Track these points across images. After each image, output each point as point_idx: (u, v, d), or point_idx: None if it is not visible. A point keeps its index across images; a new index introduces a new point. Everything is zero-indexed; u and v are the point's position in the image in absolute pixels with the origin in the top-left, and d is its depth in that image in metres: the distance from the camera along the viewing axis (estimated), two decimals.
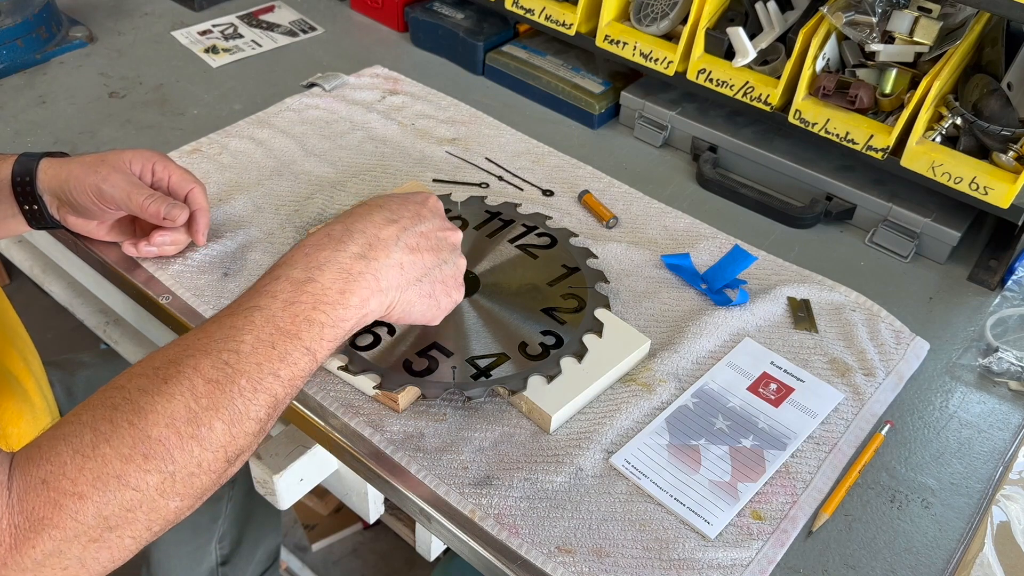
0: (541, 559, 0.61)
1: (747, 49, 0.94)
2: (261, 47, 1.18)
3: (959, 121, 0.86)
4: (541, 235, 0.84)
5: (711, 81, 0.96)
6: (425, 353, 0.71)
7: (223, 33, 1.21)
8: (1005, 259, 0.88)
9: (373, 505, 0.80)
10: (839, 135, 0.90)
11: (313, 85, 1.08)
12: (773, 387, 0.74)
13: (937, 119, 0.87)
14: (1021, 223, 0.85)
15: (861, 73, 0.91)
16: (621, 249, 0.86)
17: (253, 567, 1.21)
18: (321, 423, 0.69)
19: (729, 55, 0.96)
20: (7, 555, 0.44)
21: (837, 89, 0.90)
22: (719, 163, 1.01)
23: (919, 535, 0.66)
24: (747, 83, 0.94)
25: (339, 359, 0.70)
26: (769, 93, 0.93)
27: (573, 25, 1.04)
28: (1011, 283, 0.88)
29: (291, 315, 0.54)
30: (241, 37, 1.20)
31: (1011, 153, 0.83)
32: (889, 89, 0.89)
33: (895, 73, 0.88)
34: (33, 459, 0.46)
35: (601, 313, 0.76)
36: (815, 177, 0.94)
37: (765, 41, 0.95)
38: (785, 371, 0.75)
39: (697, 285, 0.83)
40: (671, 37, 1.00)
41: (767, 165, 0.97)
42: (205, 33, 1.21)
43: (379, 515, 0.82)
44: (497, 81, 1.13)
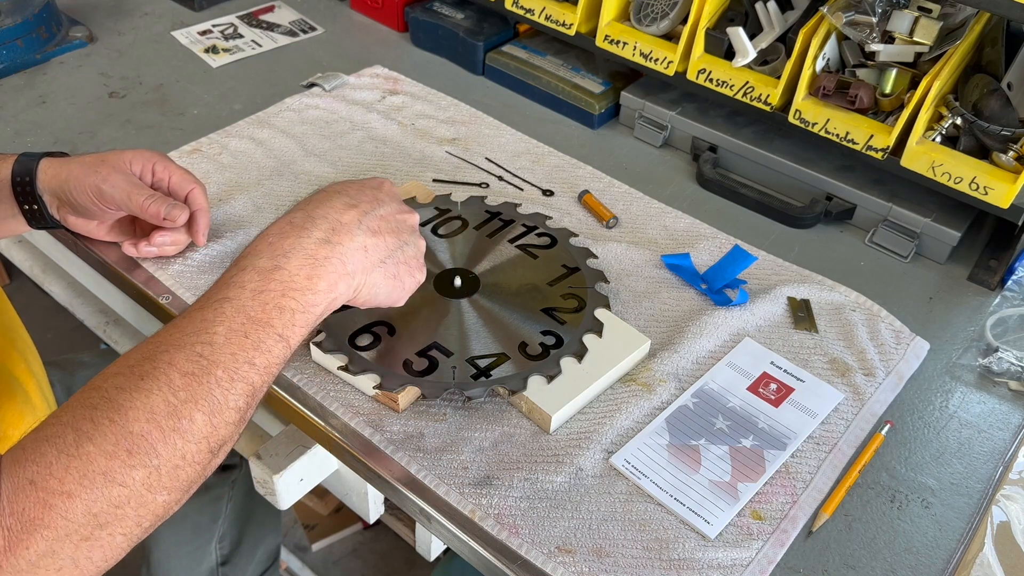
0: (541, 559, 0.61)
1: (747, 49, 0.94)
2: (261, 47, 1.18)
3: (959, 121, 0.86)
4: (541, 235, 0.84)
5: (711, 81, 0.96)
6: (425, 353, 0.71)
7: (223, 33, 1.21)
8: (1005, 259, 0.88)
9: (373, 505, 0.80)
10: (839, 135, 0.90)
11: (313, 85, 1.08)
12: (773, 387, 0.74)
13: (937, 119, 0.87)
14: (1021, 223, 0.85)
15: (861, 73, 0.91)
16: (621, 249, 0.86)
17: (253, 567, 1.21)
18: (321, 423, 0.69)
19: (729, 55, 0.96)
20: (2, 558, 0.44)
21: (837, 89, 0.90)
22: (719, 163, 1.01)
23: (919, 535, 0.66)
24: (747, 83, 0.94)
25: (339, 359, 0.70)
26: (769, 93, 0.93)
27: (573, 25, 1.04)
28: (1011, 283, 0.88)
29: (261, 303, 0.54)
30: (241, 37, 1.20)
31: (1011, 153, 0.83)
32: (889, 89, 0.89)
33: (895, 73, 0.88)
34: (19, 461, 0.46)
35: (601, 313, 0.76)
36: (815, 177, 0.94)
37: (765, 41, 0.95)
38: (785, 371, 0.75)
39: (697, 285, 0.83)
40: (671, 37, 1.00)
41: (767, 165, 0.97)
42: (205, 33, 1.21)
43: (379, 515, 0.82)
44: (497, 81, 1.13)
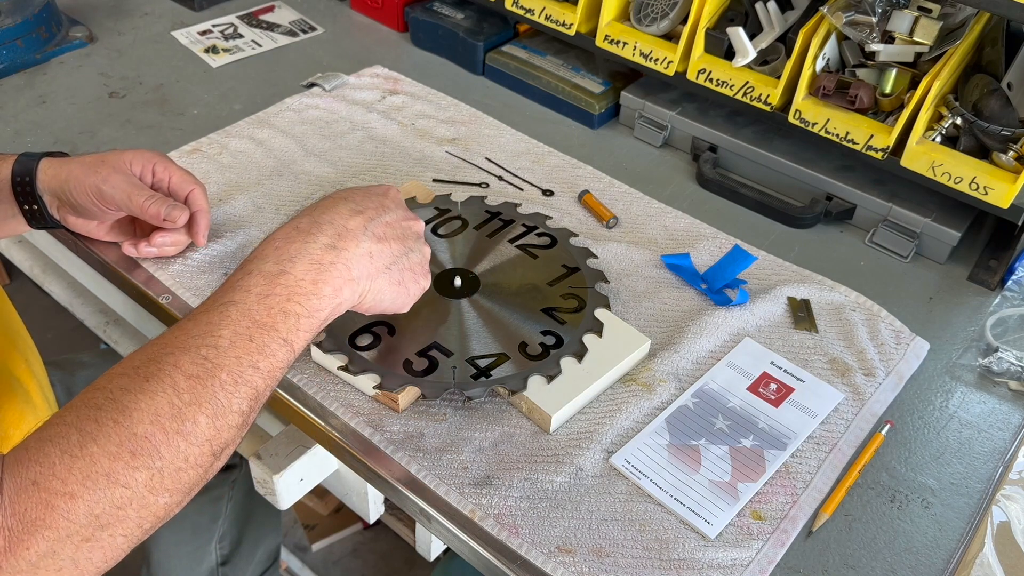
0: (541, 559, 0.61)
1: (747, 49, 0.94)
2: (261, 47, 1.18)
3: (959, 121, 0.86)
4: (541, 235, 0.84)
5: (711, 81, 0.96)
6: (425, 353, 0.71)
7: (223, 33, 1.21)
8: (1005, 259, 0.88)
9: (373, 505, 0.80)
10: (839, 135, 0.90)
11: (313, 85, 1.08)
12: (773, 387, 0.74)
13: (937, 119, 0.87)
14: (1021, 223, 0.85)
15: (861, 73, 0.91)
16: (621, 249, 0.86)
17: (253, 567, 1.21)
18: (321, 423, 0.69)
19: (729, 55, 0.96)
20: (2, 558, 0.44)
21: (837, 89, 0.90)
22: (719, 163, 1.01)
23: (919, 535, 0.66)
24: (747, 83, 0.94)
25: (339, 359, 0.70)
26: (769, 93, 0.93)
27: (573, 25, 1.04)
28: (1011, 283, 0.88)
29: (266, 308, 0.54)
30: (241, 37, 1.20)
31: (1011, 153, 0.83)
32: (889, 89, 0.89)
33: (895, 73, 0.88)
34: (22, 461, 0.46)
35: (601, 313, 0.76)
36: (815, 177, 0.94)
37: (765, 41, 0.95)
38: (785, 371, 0.75)
39: (697, 285, 0.83)
40: (671, 37, 1.00)
41: (767, 165, 0.97)
42: (205, 33, 1.21)
43: (379, 515, 0.82)
44: (497, 81, 1.13)
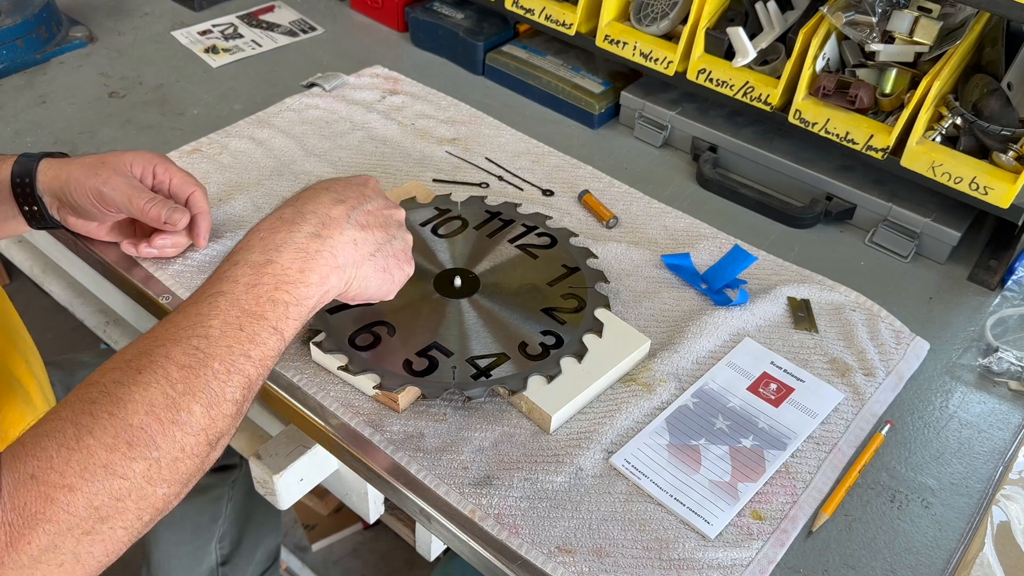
0: (541, 559, 0.61)
1: (747, 49, 0.94)
2: (261, 47, 1.18)
3: (959, 121, 0.86)
4: (541, 235, 0.84)
5: (711, 81, 0.96)
6: (425, 353, 0.71)
7: (223, 33, 1.21)
8: (1005, 259, 0.88)
9: (373, 505, 0.80)
10: (839, 135, 0.90)
11: (313, 85, 1.08)
12: (773, 387, 0.74)
13: (937, 119, 0.87)
14: (1021, 223, 0.85)
15: (861, 73, 0.91)
16: (621, 249, 0.86)
17: (253, 567, 1.21)
18: (321, 423, 0.69)
19: (729, 55, 0.96)
20: (3, 553, 0.44)
21: (837, 89, 0.90)
22: (719, 163, 1.01)
23: (919, 535, 0.66)
24: (747, 83, 0.94)
25: (339, 359, 0.70)
26: (769, 93, 0.93)
27: (573, 25, 1.04)
28: (1011, 283, 0.88)
29: (254, 297, 0.55)
30: (241, 37, 1.20)
31: (1011, 153, 0.83)
32: (889, 89, 0.89)
33: (895, 73, 0.88)
34: (19, 456, 0.46)
35: (601, 313, 0.76)
36: (815, 177, 0.94)
37: (765, 41, 0.95)
38: (785, 371, 0.75)
39: (697, 285, 0.83)
40: (671, 37, 1.00)
41: (767, 165, 0.97)
42: (205, 33, 1.21)
43: (379, 515, 0.82)
44: (497, 81, 1.13)
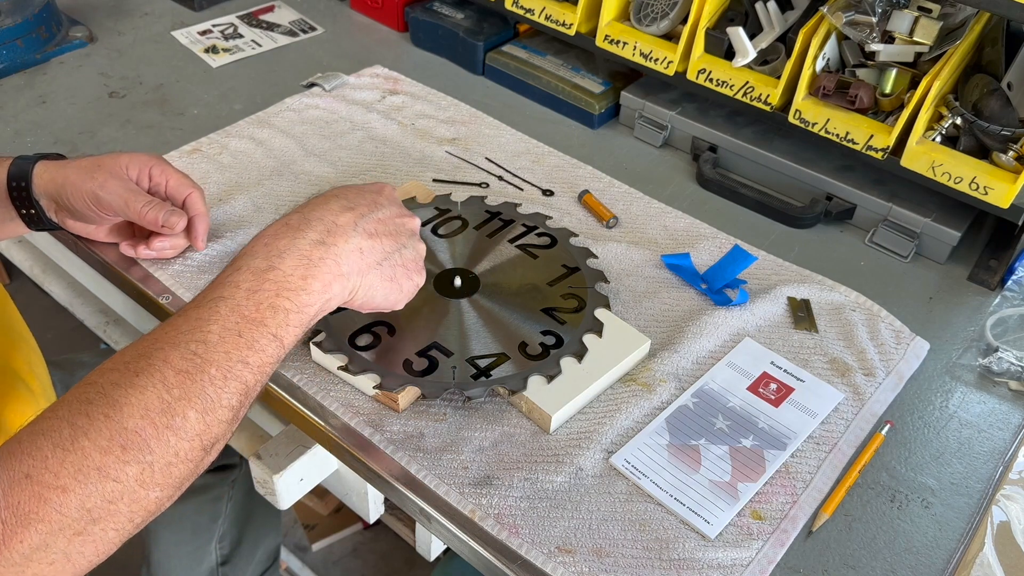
0: (541, 559, 0.61)
1: (747, 49, 0.94)
2: (261, 47, 1.18)
3: (959, 121, 0.86)
4: (541, 235, 0.84)
5: (711, 81, 0.96)
6: (425, 353, 0.71)
7: (223, 33, 1.21)
8: (1005, 259, 0.88)
9: (373, 505, 0.80)
10: (839, 135, 0.90)
11: (313, 85, 1.08)
12: (773, 387, 0.74)
13: (937, 119, 0.87)
14: (1021, 223, 0.85)
15: (861, 73, 0.91)
16: (621, 249, 0.86)
17: (253, 567, 1.21)
18: (321, 423, 0.69)
19: (729, 55, 0.96)
20: None
21: (837, 89, 0.90)
22: (719, 163, 1.01)
23: (919, 535, 0.66)
24: (747, 83, 0.94)
25: (339, 359, 0.70)
26: (769, 93, 0.93)
27: (573, 25, 1.04)
28: (1011, 283, 0.88)
29: (255, 303, 0.54)
30: (241, 37, 1.20)
31: (1011, 153, 0.83)
32: (889, 89, 0.89)
33: (895, 73, 0.88)
34: (15, 454, 0.47)
35: (601, 313, 0.76)
36: (815, 177, 0.94)
37: (765, 41, 0.95)
38: (785, 371, 0.75)
39: (697, 285, 0.83)
40: (671, 37, 1.00)
41: (767, 165, 0.97)
42: (205, 33, 1.21)
43: (379, 515, 0.82)
44: (497, 81, 1.13)
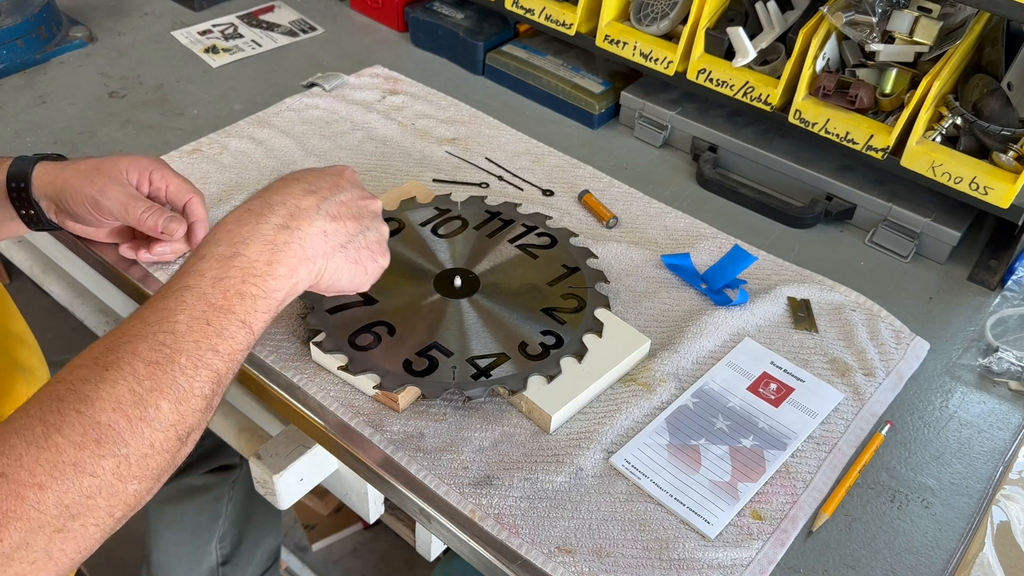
0: (541, 559, 0.61)
1: (747, 49, 0.94)
2: (261, 47, 1.18)
3: (959, 121, 0.86)
4: (541, 235, 0.84)
5: (711, 81, 0.96)
6: (425, 353, 0.71)
7: (223, 33, 1.21)
8: (1005, 259, 0.88)
9: (373, 505, 0.80)
10: (839, 135, 0.90)
11: (313, 85, 1.08)
12: (773, 387, 0.74)
13: (937, 119, 0.87)
14: (1021, 223, 0.85)
15: (861, 73, 0.91)
16: (621, 249, 0.86)
17: (253, 567, 1.21)
18: (321, 423, 0.69)
19: (729, 55, 0.96)
20: None
21: (837, 89, 0.90)
22: (719, 163, 1.01)
23: (919, 535, 0.66)
24: (747, 83, 0.94)
25: (339, 359, 0.70)
26: (769, 93, 0.93)
27: (573, 25, 1.04)
28: (1011, 283, 0.88)
29: (221, 291, 0.54)
30: (241, 37, 1.20)
31: (1011, 153, 0.83)
32: (889, 89, 0.89)
33: (895, 73, 0.88)
34: None
35: (601, 313, 0.76)
36: (815, 177, 0.94)
37: (765, 41, 0.95)
38: (785, 371, 0.75)
39: (697, 285, 0.83)
40: (671, 37, 1.00)
41: (767, 165, 0.97)
42: (205, 33, 1.21)
43: (379, 515, 0.82)
44: (497, 81, 1.13)
